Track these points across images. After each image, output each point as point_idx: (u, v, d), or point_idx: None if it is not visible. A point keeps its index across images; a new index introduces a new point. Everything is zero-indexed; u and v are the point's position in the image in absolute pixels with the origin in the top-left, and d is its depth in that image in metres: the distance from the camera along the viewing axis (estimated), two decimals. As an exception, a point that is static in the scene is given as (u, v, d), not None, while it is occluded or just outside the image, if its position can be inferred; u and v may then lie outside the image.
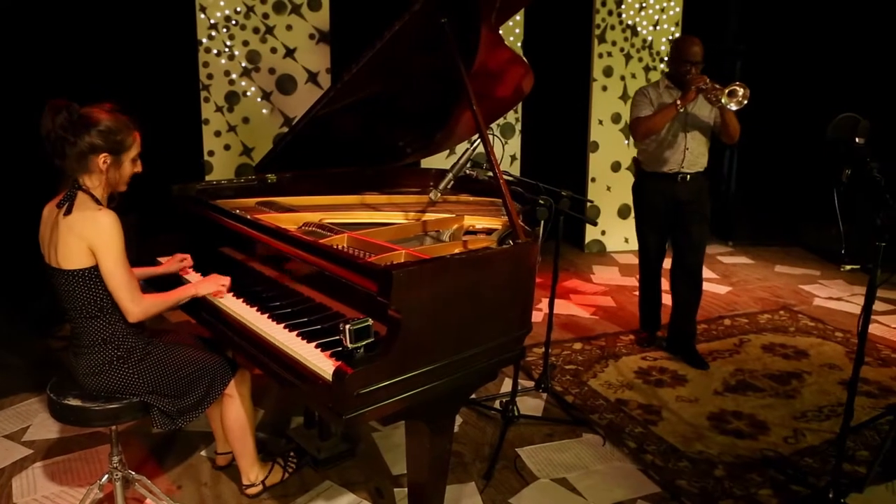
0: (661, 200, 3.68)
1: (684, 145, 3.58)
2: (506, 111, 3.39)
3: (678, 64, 3.51)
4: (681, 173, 3.61)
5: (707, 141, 3.66)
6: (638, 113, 3.59)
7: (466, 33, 2.43)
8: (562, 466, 2.75)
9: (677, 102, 3.39)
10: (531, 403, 3.27)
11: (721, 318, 4.56)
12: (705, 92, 3.35)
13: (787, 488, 2.66)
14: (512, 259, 2.06)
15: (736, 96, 3.21)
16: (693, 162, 3.61)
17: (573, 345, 3.99)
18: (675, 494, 2.59)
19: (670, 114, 3.44)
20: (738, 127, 3.49)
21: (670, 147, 3.60)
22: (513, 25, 5.56)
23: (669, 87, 3.59)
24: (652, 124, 3.50)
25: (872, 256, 2.30)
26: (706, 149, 3.67)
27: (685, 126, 3.57)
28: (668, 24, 6.09)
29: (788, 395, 3.45)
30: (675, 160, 3.60)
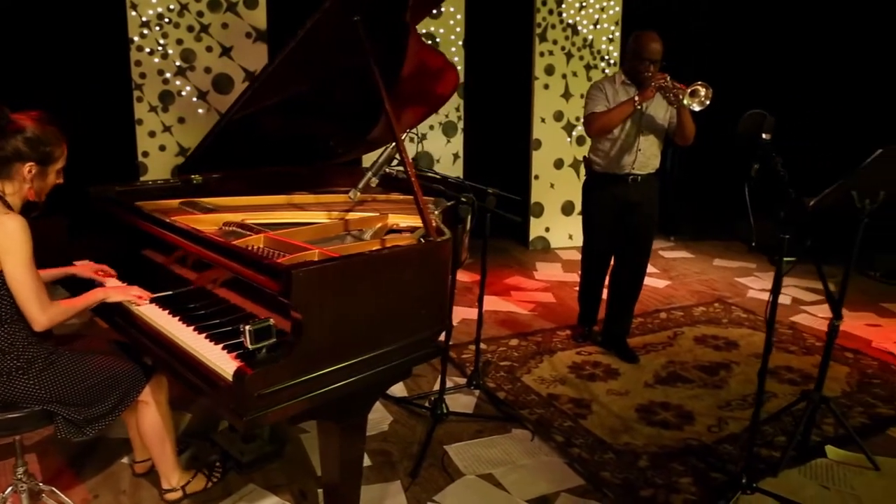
0: (611, 201, 3.61)
1: (637, 146, 3.50)
2: (433, 109, 3.38)
3: (637, 61, 3.39)
4: (632, 174, 3.54)
5: (660, 143, 3.60)
6: (593, 108, 3.47)
7: (380, 31, 2.42)
8: (489, 462, 2.77)
9: (635, 99, 3.30)
10: (463, 401, 3.29)
11: (657, 311, 4.65)
12: (665, 91, 3.24)
13: (707, 476, 2.72)
14: (422, 257, 2.06)
15: (698, 96, 3.12)
16: (645, 164, 3.55)
17: (510, 341, 4.02)
18: (598, 486, 2.63)
19: (627, 111, 3.34)
20: (693, 129, 3.42)
21: (623, 147, 3.51)
22: (454, 24, 5.58)
23: (626, 83, 3.50)
24: (607, 120, 3.39)
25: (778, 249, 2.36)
26: (658, 150, 3.61)
27: (640, 127, 3.48)
28: (608, 23, 6.17)
29: (716, 386, 3.53)
30: (626, 161, 3.52)
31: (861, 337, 4.34)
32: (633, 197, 3.57)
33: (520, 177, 6.15)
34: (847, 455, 2.90)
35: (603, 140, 3.54)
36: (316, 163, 3.44)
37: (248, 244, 2.34)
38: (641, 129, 3.49)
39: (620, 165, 3.53)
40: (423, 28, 5.45)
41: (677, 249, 6.38)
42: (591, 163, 3.68)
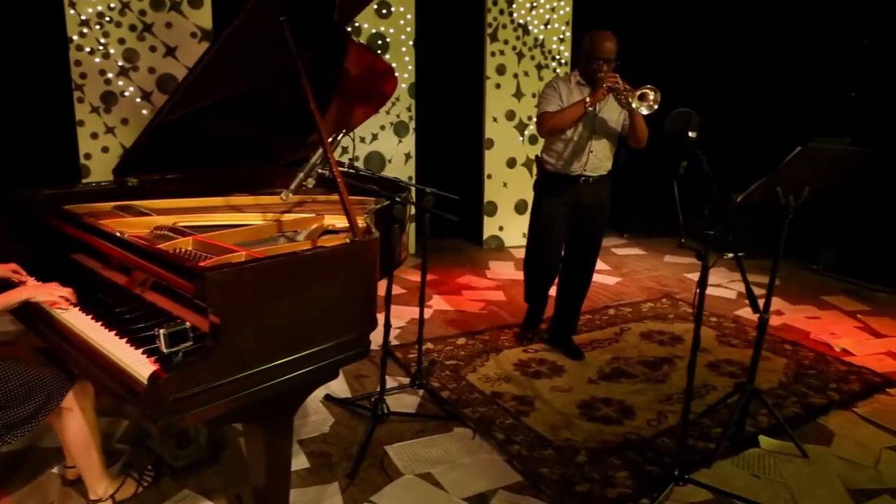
0: (562, 202, 3.58)
1: (589, 148, 3.48)
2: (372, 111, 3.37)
3: (589, 60, 3.37)
4: (583, 176, 3.52)
5: (613, 146, 3.58)
6: (546, 107, 3.45)
7: (310, 32, 2.41)
8: (428, 461, 2.77)
9: (586, 100, 3.27)
10: (407, 401, 3.28)
11: (606, 307, 4.71)
12: (617, 92, 3.22)
13: (643, 469, 2.76)
14: (346, 257, 2.05)
15: (647, 100, 3.10)
16: (597, 166, 3.53)
17: (457, 340, 4.03)
18: (535, 482, 2.65)
19: (578, 112, 3.30)
20: (646, 132, 3.42)
21: (575, 149, 3.49)
22: (404, 24, 5.57)
23: (581, 83, 3.47)
24: (559, 120, 3.37)
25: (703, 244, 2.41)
26: (611, 153, 3.60)
27: (593, 129, 3.46)
28: (558, 23, 6.23)
29: (658, 380, 3.59)
30: (578, 163, 3.50)
31: (800, 329, 4.45)
32: (584, 198, 3.55)
33: (473, 176, 6.18)
34: (779, 444, 2.98)
35: (556, 140, 3.51)
36: (259, 164, 3.42)
37: (175, 247, 2.31)
38: (594, 131, 3.47)
39: (573, 166, 3.51)
40: (372, 28, 5.44)
41: (630, 247, 6.46)
42: (543, 163, 3.63)
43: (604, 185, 3.61)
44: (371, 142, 5.61)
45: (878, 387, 3.60)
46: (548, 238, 3.67)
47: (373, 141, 5.62)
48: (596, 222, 3.64)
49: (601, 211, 3.64)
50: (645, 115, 3.16)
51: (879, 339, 4.31)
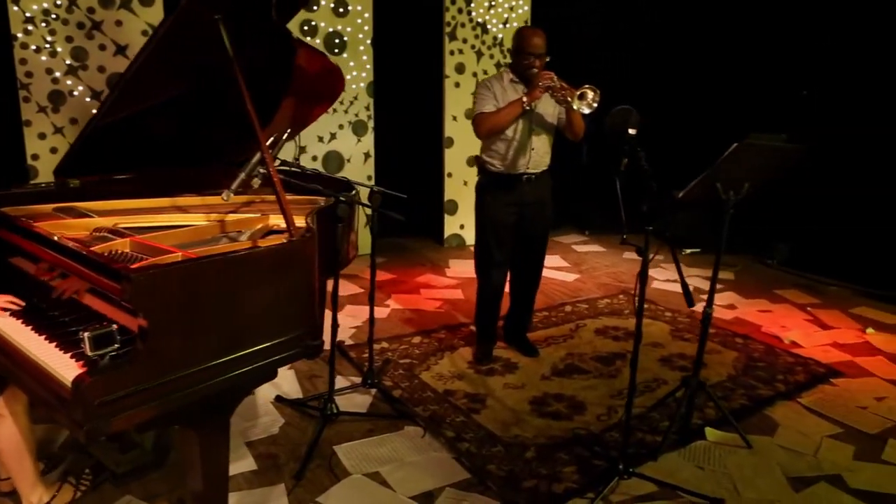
0: (507, 202, 3.53)
1: (530, 145, 3.47)
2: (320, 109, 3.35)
3: (520, 57, 3.37)
4: (526, 174, 3.50)
5: (551, 139, 3.59)
6: (481, 108, 3.42)
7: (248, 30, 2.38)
8: (377, 461, 2.77)
9: (523, 100, 3.27)
10: (359, 400, 3.27)
11: (563, 304, 4.74)
12: (553, 91, 3.22)
13: (590, 463, 2.79)
14: (281, 257, 2.04)
15: (586, 99, 3.11)
16: (538, 162, 3.52)
17: (412, 339, 4.02)
18: (483, 479, 2.66)
19: (516, 111, 3.29)
20: (583, 125, 3.43)
21: (516, 147, 3.45)
22: (361, 23, 5.54)
23: (514, 81, 3.45)
24: (497, 120, 3.35)
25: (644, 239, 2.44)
26: (550, 148, 3.60)
27: (531, 125, 3.45)
28: (517, 21, 6.25)
29: (611, 375, 3.63)
30: (522, 161, 3.47)
31: (752, 323, 4.54)
32: (527, 196, 3.54)
33: (433, 175, 6.18)
34: (724, 436, 3.03)
35: (496, 141, 3.48)
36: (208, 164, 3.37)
37: (112, 249, 2.27)
38: (533, 128, 3.47)
39: (516, 165, 3.49)
40: (329, 27, 5.41)
41: (590, 244, 6.52)
42: (484, 164, 3.58)
43: (545, 181, 3.60)
44: (329, 141, 5.58)
45: (823, 377, 3.68)
46: (496, 240, 3.59)
47: (331, 140, 5.58)
48: (541, 219, 3.64)
49: (545, 208, 3.63)
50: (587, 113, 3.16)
51: (827, 331, 4.41)
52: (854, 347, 4.15)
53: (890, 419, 3.25)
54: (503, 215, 3.57)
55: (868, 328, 4.46)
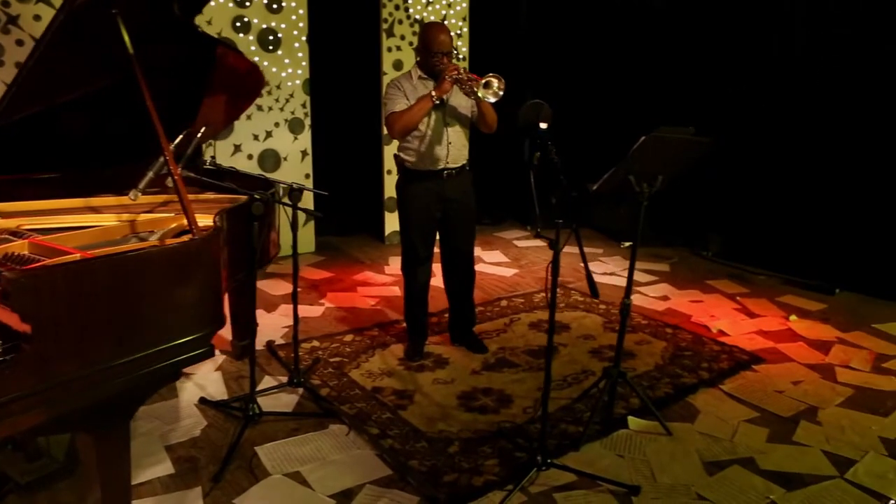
0: (427, 198, 3.53)
1: (447, 139, 3.48)
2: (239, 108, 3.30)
3: (428, 54, 3.38)
4: (446, 169, 3.49)
5: (467, 133, 3.60)
6: (393, 107, 3.42)
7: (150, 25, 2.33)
8: (298, 460, 2.74)
9: (432, 94, 3.28)
10: (285, 400, 3.24)
11: (499, 299, 4.77)
12: (461, 83, 3.23)
13: (512, 456, 2.81)
14: (180, 256, 2.00)
15: (491, 87, 3.14)
16: (457, 156, 3.52)
17: (344, 337, 4.00)
18: (404, 475, 2.66)
19: (426, 106, 3.30)
20: (495, 117, 3.45)
21: (433, 142, 3.45)
22: (296, 20, 5.47)
23: (423, 77, 3.47)
24: (408, 118, 3.34)
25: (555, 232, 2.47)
26: (467, 141, 3.61)
27: (445, 119, 3.47)
28: (455, 18, 6.27)
29: (540, 368, 3.66)
30: (440, 156, 3.47)
31: (683, 313, 4.64)
32: (449, 192, 3.53)
33: (373, 172, 6.15)
34: (646, 424, 3.09)
35: (412, 138, 3.47)
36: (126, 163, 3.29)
37: (7, 251, 2.20)
38: (448, 122, 3.46)
39: (434, 160, 3.48)
40: (263, 23, 5.33)
41: (531, 239, 6.58)
42: (403, 161, 3.57)
43: (466, 176, 3.60)
44: (265, 139, 5.50)
45: (746, 364, 3.79)
46: (420, 237, 3.59)
47: (267, 139, 5.51)
48: (466, 215, 3.64)
49: (468, 203, 3.63)
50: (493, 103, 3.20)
51: (753, 319, 4.54)
52: (777, 334, 4.28)
53: (804, 402, 3.36)
54: (426, 211, 3.56)
55: (792, 315, 4.60)
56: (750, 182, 5.94)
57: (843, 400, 3.41)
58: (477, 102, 3.37)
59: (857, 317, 4.61)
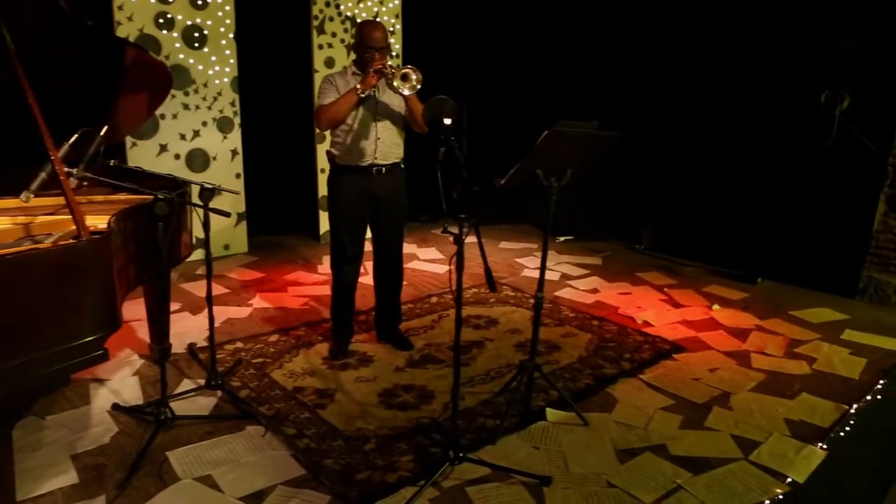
0: (357, 195, 3.52)
1: (375, 135, 3.47)
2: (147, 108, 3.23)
3: (361, 50, 3.41)
4: (375, 165, 3.49)
5: (400, 131, 3.58)
6: (322, 101, 3.42)
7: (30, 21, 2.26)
8: (210, 463, 2.70)
9: (357, 88, 3.28)
10: (203, 402, 3.19)
11: (430, 296, 4.78)
12: (385, 76, 3.25)
13: (428, 452, 2.82)
14: (63, 259, 1.95)
15: (409, 80, 3.17)
16: (387, 153, 3.51)
17: (269, 337, 3.95)
18: (317, 474, 2.64)
19: (351, 100, 3.30)
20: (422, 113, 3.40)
21: (361, 138, 3.44)
22: (222, 16, 5.37)
23: (356, 73, 3.46)
24: (334, 111, 3.34)
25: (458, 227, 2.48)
26: (400, 139, 3.60)
27: (375, 115, 3.45)
28: (388, 16, 6.25)
29: (464, 364, 3.68)
30: (368, 151, 3.46)
31: (611, 305, 4.73)
32: (379, 190, 3.53)
33: (307, 170, 6.10)
34: (564, 415, 3.14)
35: (340, 132, 3.47)
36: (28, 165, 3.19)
37: None
38: (378, 118, 3.46)
39: (362, 156, 3.48)
40: (187, 19, 5.22)
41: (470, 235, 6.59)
42: (333, 157, 3.57)
43: (398, 174, 3.61)
44: (193, 139, 5.39)
45: (667, 353, 3.88)
46: (349, 234, 3.58)
47: (194, 138, 5.40)
48: (396, 214, 3.64)
49: (399, 202, 3.63)
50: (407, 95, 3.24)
51: (678, 310, 4.66)
52: (700, 324, 4.40)
53: (718, 388, 3.46)
54: (354, 208, 3.56)
55: (715, 305, 4.74)
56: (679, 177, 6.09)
57: (754, 385, 3.53)
58: (407, 100, 3.37)
59: (775, 304, 4.77)
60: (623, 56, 6.50)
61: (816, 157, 5.25)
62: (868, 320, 4.51)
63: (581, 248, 6.22)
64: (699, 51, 6.03)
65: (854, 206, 5.36)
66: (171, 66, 5.13)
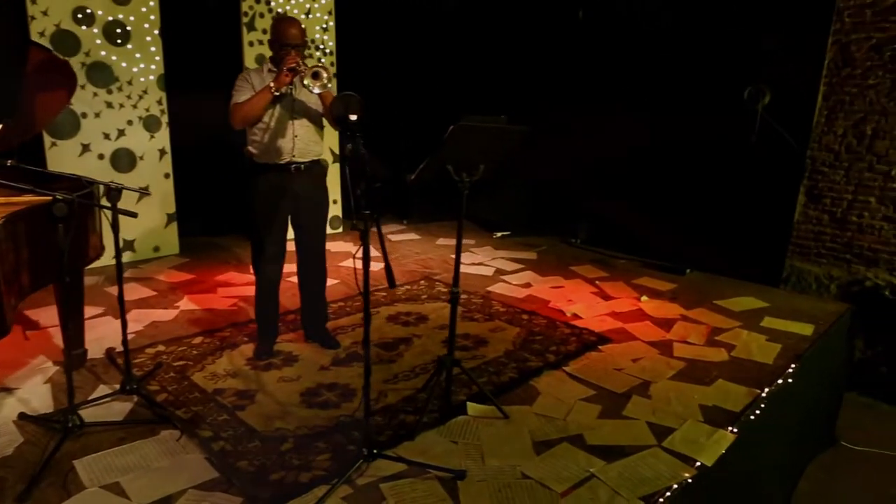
0: (276, 193, 3.47)
1: (293, 133, 3.44)
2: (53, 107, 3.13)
3: (277, 47, 3.37)
4: (294, 163, 3.46)
5: (318, 128, 3.55)
6: (237, 98, 3.38)
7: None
8: (120, 470, 2.63)
9: (271, 85, 3.26)
10: (118, 408, 3.11)
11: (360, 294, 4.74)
12: (297, 74, 3.23)
13: (346, 450, 2.81)
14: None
15: (320, 78, 3.18)
16: (305, 151, 3.48)
17: (193, 339, 3.88)
18: (229, 477, 2.60)
19: (265, 97, 3.28)
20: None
21: (277, 135, 3.42)
22: (146, 12, 5.24)
23: (272, 70, 3.43)
24: (248, 108, 3.31)
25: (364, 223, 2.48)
26: (319, 136, 3.57)
27: (292, 112, 3.43)
28: (321, 12, 6.19)
29: (391, 360, 3.68)
30: (285, 149, 3.43)
31: (542, 299, 4.78)
32: (299, 188, 3.49)
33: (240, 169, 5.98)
34: (484, 409, 3.16)
35: (257, 130, 3.43)
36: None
37: None
38: (295, 115, 3.44)
39: (279, 154, 3.44)
40: (108, 15, 5.07)
41: (407, 232, 6.61)
42: (251, 156, 3.51)
43: (317, 172, 3.58)
44: (117, 138, 5.25)
45: (592, 345, 3.95)
46: (269, 233, 3.53)
47: (119, 137, 5.26)
48: (316, 211, 3.61)
49: (320, 199, 3.61)
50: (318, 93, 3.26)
51: (607, 302, 4.74)
52: (627, 315, 4.48)
53: (639, 378, 3.54)
54: (274, 207, 3.51)
55: (643, 296, 4.84)
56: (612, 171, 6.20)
57: (674, 373, 3.61)
58: (320, 96, 3.36)
59: (701, 294, 4.90)
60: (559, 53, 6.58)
61: (741, 152, 5.41)
62: (787, 308, 4.66)
63: (517, 244, 6.28)
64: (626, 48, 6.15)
65: (777, 199, 5.55)
66: (91, 63, 5.00)
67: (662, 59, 5.89)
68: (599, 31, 6.38)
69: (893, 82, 4.94)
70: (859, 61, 5.08)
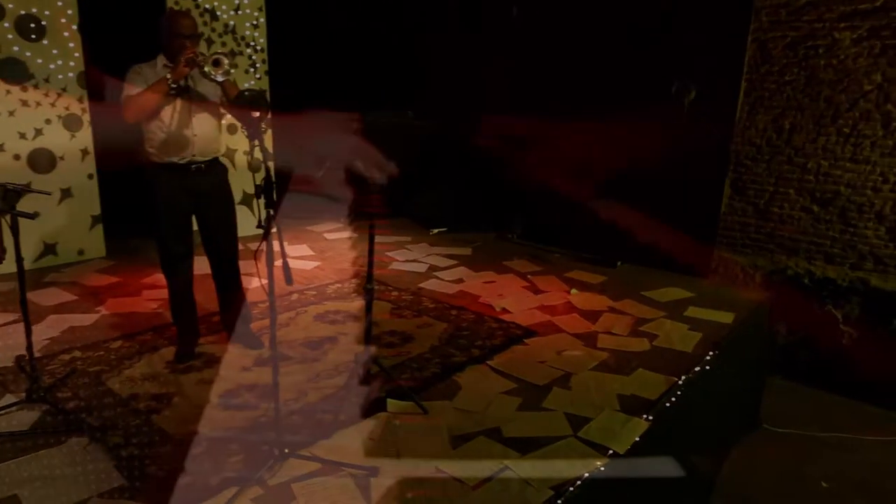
0: (179, 194, 3.39)
1: (192, 131, 3.35)
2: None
3: (172, 39, 3.28)
4: (194, 162, 3.38)
5: (219, 124, 3.50)
6: (129, 92, 3.26)
7: None
8: (18, 482, 2.54)
9: (167, 77, 3.18)
10: (24, 417, 3.00)
11: (291, 293, 4.71)
12: (195, 64, 3.17)
13: (259, 451, 2.77)
14: None
15: (221, 66, 3.14)
16: (205, 149, 3.42)
17: (112, 344, 3.78)
18: (135, 483, 2.54)
19: (161, 90, 3.19)
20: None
21: (176, 132, 3.32)
22: (63, 6, 5.07)
23: (168, 65, 3.33)
24: (143, 102, 3.21)
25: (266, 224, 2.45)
26: (218, 134, 3.52)
27: (190, 108, 3.34)
28: (250, 8, 6.09)
29: (314, 359, 3.65)
30: (183, 147, 3.35)
31: (473, 294, 4.80)
32: (202, 187, 3.42)
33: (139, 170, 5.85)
34: (404, 405, 3.16)
35: (155, 129, 3.33)
36: None
37: None
38: (193, 111, 3.36)
39: (178, 152, 3.36)
40: (21, 9, 4.88)
41: (343, 231, 6.56)
42: (148, 155, 3.41)
43: (219, 170, 3.52)
44: (35, 137, 5.06)
45: (518, 339, 3.99)
46: (173, 233, 3.46)
47: (37, 136, 5.07)
48: (222, 209, 3.54)
49: (224, 197, 3.55)
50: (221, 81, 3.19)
51: (538, 296, 4.79)
52: (556, 308, 4.54)
53: (562, 370, 3.59)
54: (176, 206, 3.43)
55: (573, 289, 4.91)
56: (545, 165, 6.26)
57: (596, 364, 3.67)
58: (223, 87, 3.28)
59: (629, 286, 5.00)
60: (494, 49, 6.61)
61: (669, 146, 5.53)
62: (711, 297, 4.79)
63: (453, 240, 6.29)
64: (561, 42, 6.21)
65: (705, 191, 5.69)
66: (3, 58, 4.81)
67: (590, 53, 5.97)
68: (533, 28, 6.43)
69: (808, 79, 5.12)
70: (776, 58, 5.25)
